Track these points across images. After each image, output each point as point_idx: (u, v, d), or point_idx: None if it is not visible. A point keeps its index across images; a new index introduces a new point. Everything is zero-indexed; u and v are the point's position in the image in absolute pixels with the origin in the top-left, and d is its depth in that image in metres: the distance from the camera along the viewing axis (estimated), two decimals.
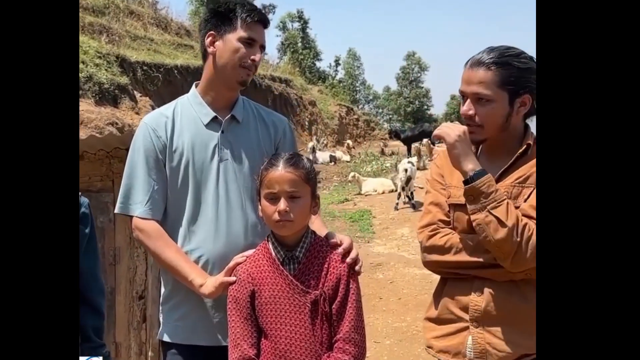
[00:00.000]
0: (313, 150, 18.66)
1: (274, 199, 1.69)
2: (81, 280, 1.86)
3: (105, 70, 10.65)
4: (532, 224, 1.65)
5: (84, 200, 1.93)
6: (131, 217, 1.93)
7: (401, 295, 6.04)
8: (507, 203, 1.66)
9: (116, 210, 1.96)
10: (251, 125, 2.03)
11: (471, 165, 1.69)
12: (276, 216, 1.68)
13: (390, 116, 51.69)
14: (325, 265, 1.71)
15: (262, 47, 1.98)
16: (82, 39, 11.00)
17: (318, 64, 43.63)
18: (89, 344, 1.92)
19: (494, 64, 1.72)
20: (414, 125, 25.43)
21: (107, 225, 3.21)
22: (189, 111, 1.99)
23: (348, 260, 1.72)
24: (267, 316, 1.70)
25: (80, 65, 9.55)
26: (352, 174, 14.01)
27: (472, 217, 1.69)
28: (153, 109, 12.30)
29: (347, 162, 19.39)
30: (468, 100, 1.76)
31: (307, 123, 22.74)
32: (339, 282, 1.70)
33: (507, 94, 1.73)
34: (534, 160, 1.74)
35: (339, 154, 20.11)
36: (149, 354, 3.13)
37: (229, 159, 1.95)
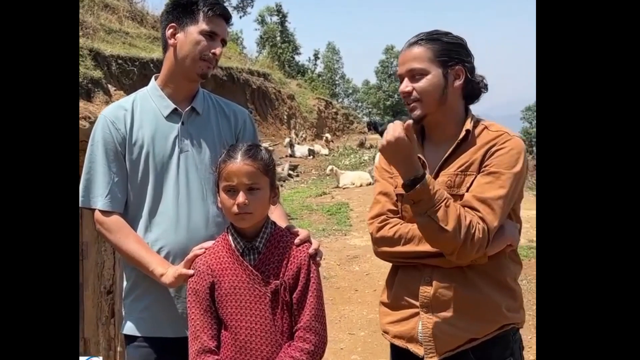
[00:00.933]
0: (291, 144, 18.62)
1: (232, 191, 1.68)
2: None
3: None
4: (475, 219, 1.66)
5: None
6: (93, 210, 1.91)
7: (377, 287, 6.05)
8: (446, 205, 1.64)
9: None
10: (211, 116, 2.03)
11: (403, 171, 1.67)
12: (235, 209, 1.67)
13: (370, 110, 51.82)
14: (286, 255, 1.71)
15: (224, 41, 1.98)
16: None
17: (297, 57, 43.56)
18: None
19: (424, 40, 1.79)
20: (392, 119, 25.48)
21: None
22: (149, 103, 1.98)
23: (310, 250, 1.72)
24: (227, 307, 1.69)
25: None
26: (330, 167, 14.04)
27: (414, 218, 1.71)
28: None
29: (326, 155, 19.39)
30: (405, 79, 1.80)
31: (285, 117, 22.66)
32: (299, 271, 1.70)
33: (440, 66, 1.78)
34: (475, 147, 1.78)
35: (317, 147, 20.09)
36: (118, 349, 3.10)
37: (189, 150, 1.95)
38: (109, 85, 11.54)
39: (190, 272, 1.74)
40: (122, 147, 1.91)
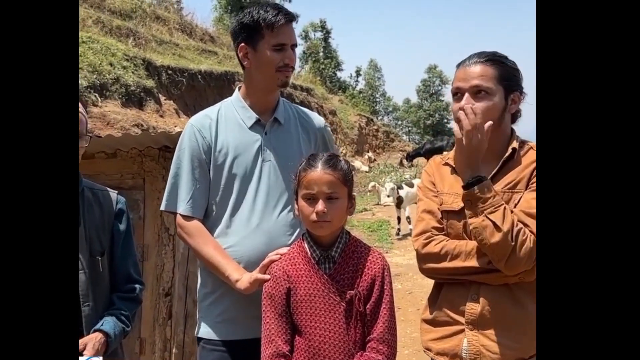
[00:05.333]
0: None
1: (312, 199, 1.71)
2: (116, 276, 1.96)
3: (132, 72, 10.79)
4: (526, 230, 1.68)
5: (120, 198, 2.01)
6: (175, 214, 1.99)
7: (419, 306, 6.01)
8: (504, 208, 1.69)
9: (161, 208, 2.03)
10: (292, 126, 2.08)
11: (470, 171, 1.73)
12: (314, 217, 1.70)
13: (410, 128, 51.58)
14: (360, 266, 1.73)
15: (294, 46, 2.01)
16: (111, 41, 11.19)
17: (339, 74, 43.69)
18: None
19: (490, 61, 1.80)
20: (432, 139, 25.36)
21: (137, 223, 3.24)
22: (233, 114, 2.04)
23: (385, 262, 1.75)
24: (302, 314, 1.71)
25: (108, 67, 9.71)
26: (372, 183, 14.01)
27: (469, 220, 1.73)
28: (177, 112, 12.44)
29: (366, 172, 19.40)
30: (466, 95, 1.79)
31: None
32: (373, 282, 1.72)
33: (503, 89, 1.79)
34: (522, 165, 1.79)
35: (357, 164, 20.12)
36: (173, 350, 3.15)
37: (271, 160, 2.00)
38: (160, 95, 11.86)
39: (267, 277, 1.77)
40: (207, 155, 1.98)
